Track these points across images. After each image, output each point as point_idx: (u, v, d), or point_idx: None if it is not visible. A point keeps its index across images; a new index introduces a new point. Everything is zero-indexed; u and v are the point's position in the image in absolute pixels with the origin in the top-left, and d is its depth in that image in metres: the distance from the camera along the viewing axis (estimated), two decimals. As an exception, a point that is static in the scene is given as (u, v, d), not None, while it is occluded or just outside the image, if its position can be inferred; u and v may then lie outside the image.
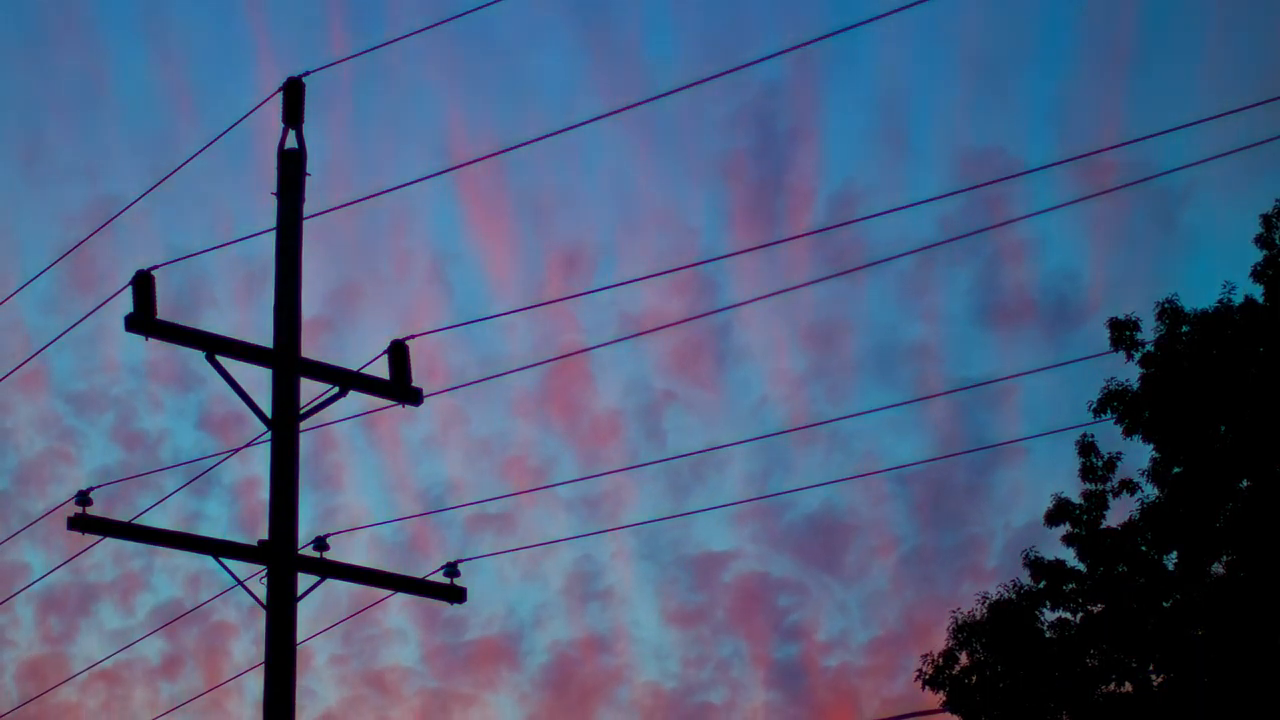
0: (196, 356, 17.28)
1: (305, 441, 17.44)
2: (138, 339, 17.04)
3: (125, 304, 17.12)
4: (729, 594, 57.58)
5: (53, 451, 55.53)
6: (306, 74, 17.86)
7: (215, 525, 42.77)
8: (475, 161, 18.29)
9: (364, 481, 57.02)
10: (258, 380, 17.56)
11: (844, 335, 57.18)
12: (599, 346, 19.99)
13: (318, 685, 57.33)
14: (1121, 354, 28.81)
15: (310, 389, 17.74)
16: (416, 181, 18.60)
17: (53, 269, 21.35)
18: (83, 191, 58.64)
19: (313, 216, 17.95)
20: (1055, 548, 29.77)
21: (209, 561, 17.75)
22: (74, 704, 52.37)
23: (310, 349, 17.50)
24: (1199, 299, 29.08)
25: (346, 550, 18.29)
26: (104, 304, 18.31)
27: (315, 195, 17.93)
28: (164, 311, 17.10)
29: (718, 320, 58.99)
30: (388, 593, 18.62)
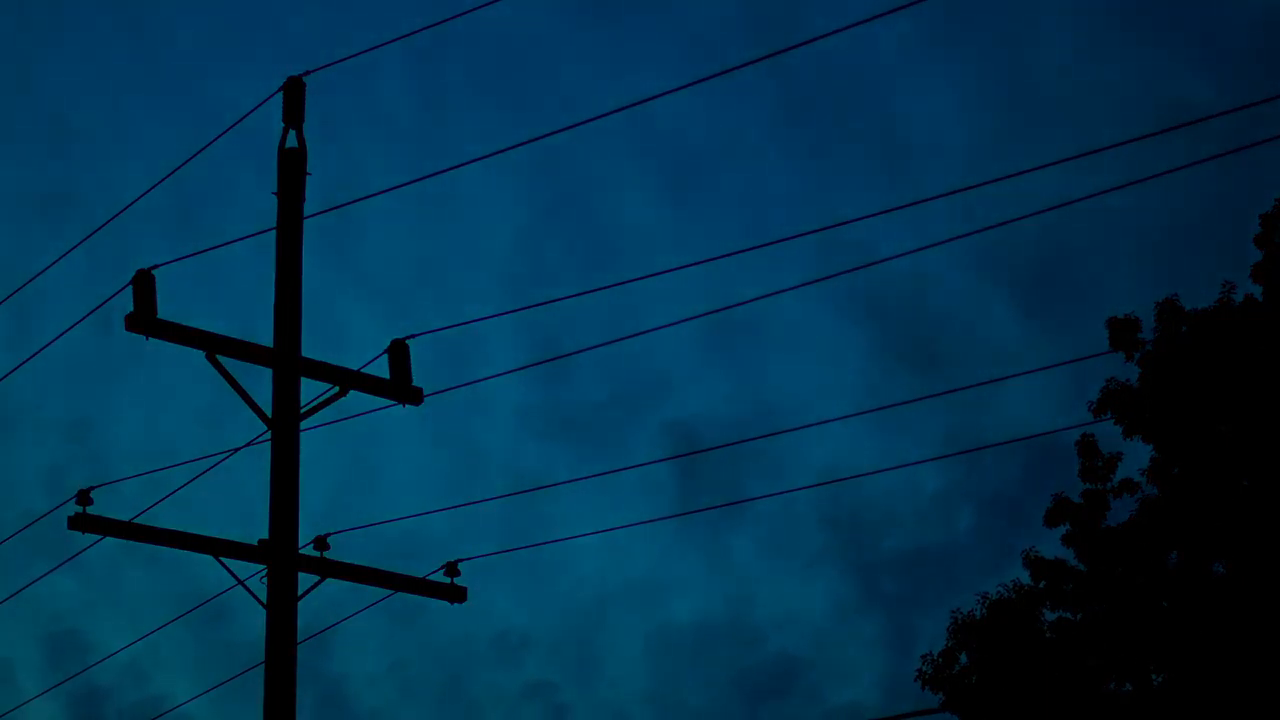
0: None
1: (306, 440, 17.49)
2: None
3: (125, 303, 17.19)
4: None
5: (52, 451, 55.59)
6: (306, 74, 17.85)
7: (215, 524, 42.65)
8: None
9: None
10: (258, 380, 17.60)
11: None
12: (608, 343, 19.90)
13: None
14: (1121, 354, 28.81)
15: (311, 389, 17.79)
16: (427, 177, 18.59)
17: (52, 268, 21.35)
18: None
19: (313, 216, 17.96)
20: (1055, 548, 29.76)
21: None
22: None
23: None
24: (1199, 299, 28.95)
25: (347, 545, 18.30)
26: (104, 303, 18.33)
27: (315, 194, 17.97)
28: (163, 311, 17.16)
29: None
30: (388, 592, 18.65)
